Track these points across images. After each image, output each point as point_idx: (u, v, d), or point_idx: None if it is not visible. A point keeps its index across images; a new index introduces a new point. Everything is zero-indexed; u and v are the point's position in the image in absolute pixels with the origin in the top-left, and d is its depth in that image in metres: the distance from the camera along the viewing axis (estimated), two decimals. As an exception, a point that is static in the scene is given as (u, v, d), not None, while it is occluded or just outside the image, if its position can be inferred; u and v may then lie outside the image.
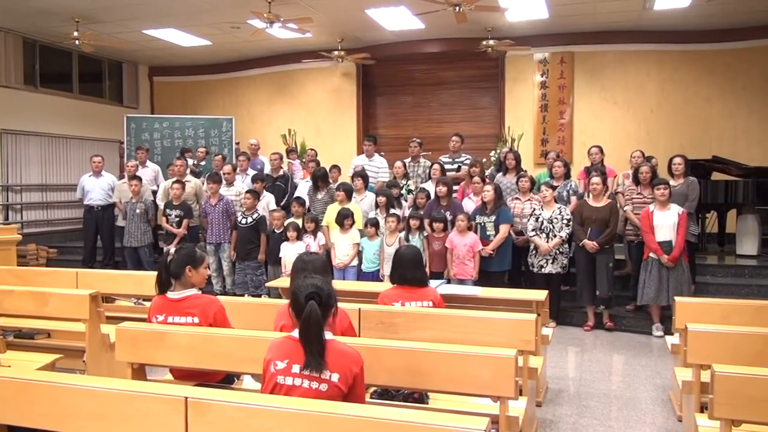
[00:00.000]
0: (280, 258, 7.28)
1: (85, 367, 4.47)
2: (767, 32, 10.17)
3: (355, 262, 7.19)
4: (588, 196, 7.11)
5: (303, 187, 8.51)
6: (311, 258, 3.53)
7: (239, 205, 8.20)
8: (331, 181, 8.19)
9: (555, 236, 6.83)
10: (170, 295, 3.62)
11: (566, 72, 11.16)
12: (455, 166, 8.37)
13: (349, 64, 12.06)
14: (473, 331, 3.76)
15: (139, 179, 8.54)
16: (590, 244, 6.73)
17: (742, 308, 4.36)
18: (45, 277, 5.82)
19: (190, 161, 10.07)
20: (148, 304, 5.95)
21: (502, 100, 11.64)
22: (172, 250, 3.69)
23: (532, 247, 7.02)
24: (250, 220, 7.78)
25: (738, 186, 8.10)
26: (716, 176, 8.70)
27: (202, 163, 10.06)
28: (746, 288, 7.22)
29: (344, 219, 7.13)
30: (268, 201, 8.21)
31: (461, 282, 6.61)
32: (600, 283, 6.80)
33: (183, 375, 3.65)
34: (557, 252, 6.87)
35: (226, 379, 3.72)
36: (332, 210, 7.43)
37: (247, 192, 7.94)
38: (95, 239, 9.41)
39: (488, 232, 6.88)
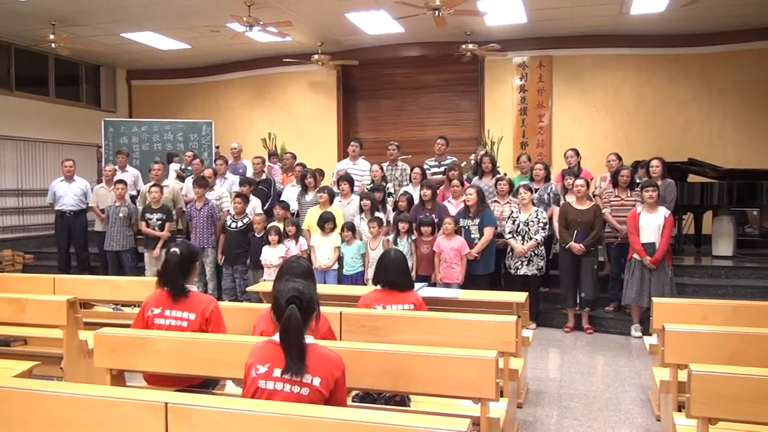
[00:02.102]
0: (261, 262, 7.25)
1: (62, 374, 4.41)
2: (741, 36, 10.35)
3: (336, 266, 7.19)
4: (562, 199, 7.18)
5: (290, 192, 8.50)
6: (298, 263, 3.52)
7: (219, 210, 8.16)
8: (319, 182, 8.20)
9: (530, 239, 6.88)
10: (171, 289, 3.62)
11: (545, 76, 11.25)
12: (441, 169, 8.39)
13: (330, 68, 12.06)
14: (454, 333, 3.77)
15: (124, 183, 8.46)
16: (577, 247, 6.78)
17: (720, 308, 4.43)
18: (21, 283, 5.73)
19: (177, 166, 9.99)
20: (127, 310, 5.94)
21: (482, 104, 11.71)
22: (176, 250, 3.69)
23: (509, 249, 7.07)
24: (240, 224, 7.74)
25: (714, 188, 8.22)
26: (692, 178, 8.82)
27: (189, 168, 9.99)
28: (722, 288, 7.33)
29: (325, 222, 7.13)
30: (254, 205, 8.18)
31: (447, 285, 6.63)
32: (585, 286, 6.86)
33: (157, 380, 3.62)
34: (533, 254, 6.92)
35: (205, 384, 3.70)
36: (313, 213, 7.42)
37: (236, 196, 7.90)
38: (68, 245, 9.28)
39: (472, 235, 6.90)
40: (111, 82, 13.16)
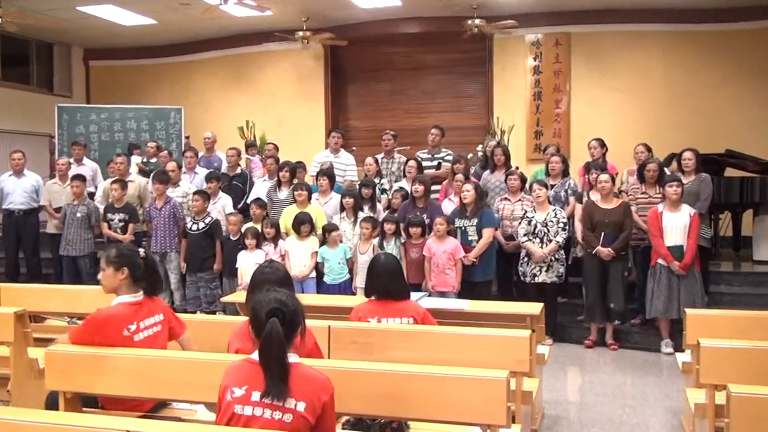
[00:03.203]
0: (237, 269, 7.23)
1: (9, 397, 4.39)
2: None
3: (313, 274, 7.15)
4: (587, 196, 7.17)
5: (261, 187, 8.43)
6: (272, 269, 3.50)
7: (186, 209, 8.13)
8: (297, 177, 8.16)
9: (550, 241, 6.87)
10: (137, 298, 3.67)
11: (562, 55, 11.26)
12: (435, 162, 8.38)
13: (316, 47, 12.04)
14: (459, 350, 3.76)
15: (82, 179, 8.41)
16: (605, 252, 6.74)
17: (762, 321, 4.42)
18: (-38, 293, 5.70)
19: (138, 159, 9.95)
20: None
21: (491, 88, 11.71)
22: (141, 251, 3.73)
23: (523, 254, 7.04)
24: (201, 225, 7.70)
25: (755, 183, 8.21)
26: (730, 172, 8.81)
27: (153, 160, 9.95)
28: (765, 298, 7.32)
29: (301, 225, 7.07)
30: (224, 203, 8.12)
31: (442, 294, 6.61)
32: (615, 296, 6.80)
33: (117, 405, 3.59)
34: (552, 259, 6.91)
35: (155, 408, 3.69)
36: (289, 213, 7.36)
37: (194, 193, 7.85)
38: (17, 249, 9.20)
39: (470, 238, 6.88)
40: (66, 62, 13.12)
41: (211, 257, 7.68)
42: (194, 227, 7.71)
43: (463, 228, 6.92)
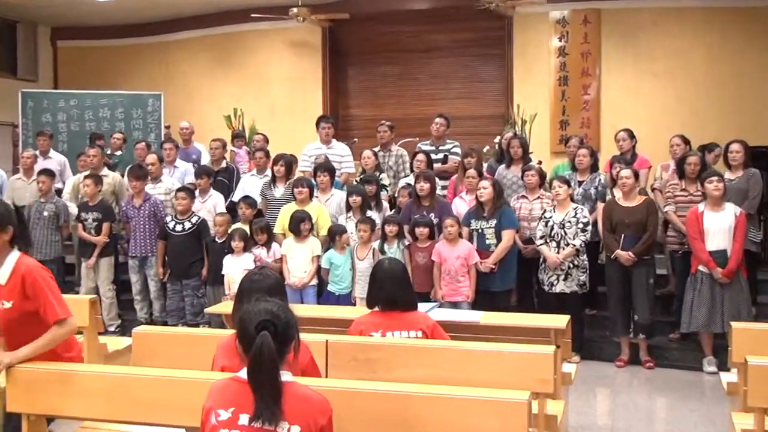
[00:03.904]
0: (223, 276, 7.23)
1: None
2: None
3: (314, 281, 7.15)
4: (609, 193, 7.16)
5: (249, 182, 8.44)
6: (263, 276, 3.50)
7: (169, 208, 8.14)
8: (294, 172, 8.17)
9: (568, 245, 6.86)
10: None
11: (591, 35, 11.23)
12: (440, 156, 8.38)
13: (313, 26, 12.03)
14: (474, 368, 3.75)
15: (50, 173, 8.43)
16: (625, 256, 6.75)
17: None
18: None
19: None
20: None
21: (510, 71, 11.67)
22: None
23: (542, 259, 7.06)
24: (187, 225, 7.70)
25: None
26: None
27: (118, 153, 9.97)
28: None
29: (299, 223, 7.06)
30: (215, 202, 8.12)
31: (454, 305, 6.61)
32: (639, 306, 6.83)
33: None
34: (571, 265, 6.89)
35: None
36: (286, 212, 7.35)
37: (178, 191, 7.85)
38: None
39: (488, 241, 6.87)
40: (30, 43, 13.14)
41: (198, 262, 7.68)
42: (178, 228, 7.71)
43: (480, 230, 6.91)
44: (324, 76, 12.53)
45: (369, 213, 7.23)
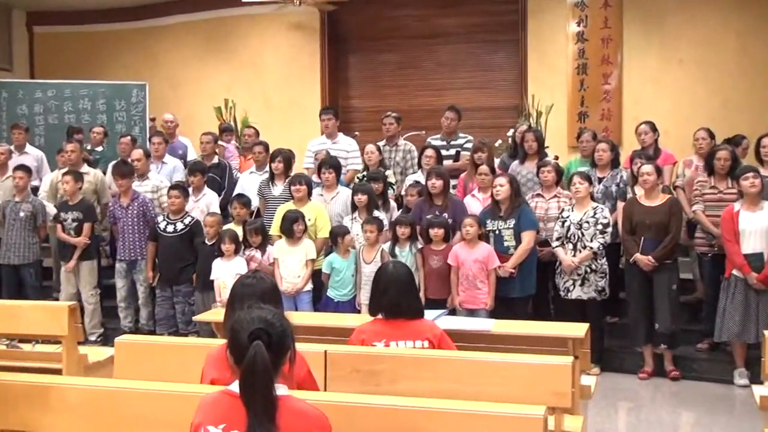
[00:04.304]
0: (213, 281, 7.23)
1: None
2: None
3: (309, 286, 7.16)
4: (629, 191, 7.14)
5: (248, 181, 8.46)
6: (256, 280, 3.49)
7: (157, 206, 8.16)
8: (292, 169, 8.17)
9: (585, 247, 6.84)
10: None
11: (612, 20, 11.21)
12: (451, 151, 8.37)
13: (310, 10, 12.02)
14: (485, 381, 3.75)
15: (26, 170, 8.42)
16: (644, 260, 6.74)
17: None
18: None
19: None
20: (26, 347, 5.92)
21: (524, 59, 11.66)
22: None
23: (558, 261, 7.05)
24: (180, 226, 7.70)
25: None
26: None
27: (99, 148, 9.96)
28: None
29: (292, 224, 7.04)
30: (209, 202, 8.12)
31: (471, 313, 6.61)
32: (660, 314, 6.81)
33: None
34: (588, 269, 6.88)
35: None
36: (281, 213, 7.34)
37: (171, 188, 7.86)
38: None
39: (506, 243, 6.87)
40: (4, 28, 13.14)
41: (191, 266, 7.69)
42: (169, 229, 7.71)
43: (497, 231, 6.90)
44: (323, 65, 12.52)
45: (375, 213, 7.21)
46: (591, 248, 6.82)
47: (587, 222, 6.86)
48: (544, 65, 11.56)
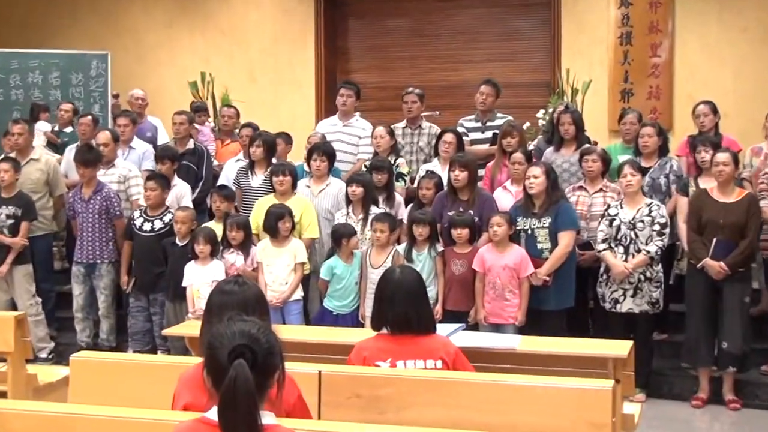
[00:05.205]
0: (185, 288, 7.25)
1: None
2: None
3: (298, 295, 7.18)
4: (692, 184, 7.13)
5: (231, 168, 8.48)
6: (238, 286, 3.50)
7: (125, 200, 8.16)
8: (284, 153, 8.17)
9: (639, 251, 6.83)
10: None
11: (662, -20, 11.21)
12: (487, 134, 8.35)
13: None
14: (510, 408, 3.76)
15: None
16: (716, 267, 6.70)
17: None
18: None
19: (47, 126, 9.96)
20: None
21: (557, 27, 11.65)
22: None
23: (603, 269, 7.03)
24: (158, 225, 7.72)
25: None
26: None
27: (68, 129, 9.95)
28: None
29: (278, 221, 7.06)
30: (181, 194, 8.12)
31: (498, 329, 6.62)
32: (729, 331, 6.77)
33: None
34: (642, 277, 6.88)
35: None
36: (262, 207, 7.37)
37: (149, 179, 7.85)
38: None
39: (540, 245, 6.86)
40: (-60, -13, 13.17)
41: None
42: (146, 227, 7.74)
43: (529, 231, 6.90)
44: (317, 32, 12.50)
45: (373, 209, 7.22)
46: (648, 252, 6.79)
47: (641, 221, 6.83)
48: (580, 34, 11.54)
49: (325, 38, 12.56)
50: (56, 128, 9.92)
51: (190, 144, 8.92)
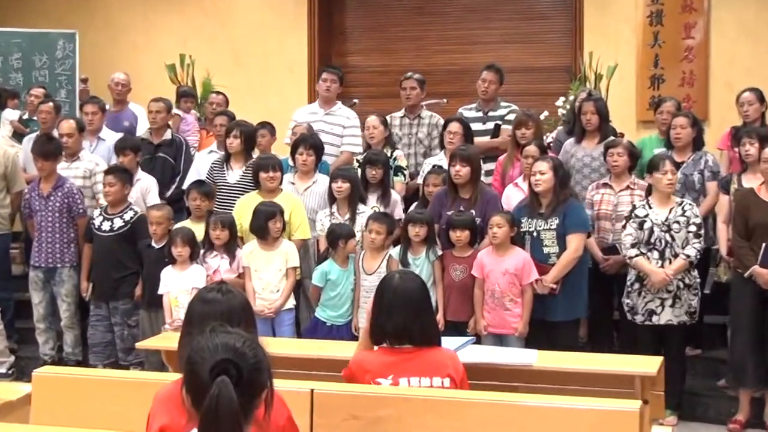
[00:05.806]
0: (161, 296, 7.24)
1: None
2: None
3: (290, 304, 7.20)
4: (734, 181, 7.13)
5: (205, 162, 8.48)
6: (222, 294, 3.50)
7: (90, 197, 8.16)
8: (257, 148, 8.17)
9: (675, 256, 6.83)
10: None
11: (697, -48, 11.22)
12: (489, 125, 8.35)
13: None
14: (526, 431, 3.75)
15: None
16: (765, 275, 6.68)
17: None
18: None
19: (15, 113, 9.97)
20: None
21: (579, 5, 11.66)
22: None
23: (632, 277, 7.02)
24: (119, 223, 7.71)
25: None
26: None
27: (36, 118, 9.96)
28: None
29: (268, 221, 7.05)
30: (146, 189, 8.13)
31: (499, 340, 6.64)
32: None
33: None
34: (681, 285, 6.87)
35: None
36: (246, 206, 7.37)
37: (107, 173, 7.85)
38: None
39: (546, 249, 6.85)
40: None
41: (132, 276, 7.71)
42: (105, 226, 7.73)
43: (534, 233, 6.90)
44: (311, 10, 12.51)
45: (361, 208, 7.24)
46: (687, 256, 6.77)
47: (676, 222, 6.80)
48: (605, 13, 11.55)
49: (318, 17, 12.56)
50: (25, 116, 9.91)
51: (168, 134, 8.91)
